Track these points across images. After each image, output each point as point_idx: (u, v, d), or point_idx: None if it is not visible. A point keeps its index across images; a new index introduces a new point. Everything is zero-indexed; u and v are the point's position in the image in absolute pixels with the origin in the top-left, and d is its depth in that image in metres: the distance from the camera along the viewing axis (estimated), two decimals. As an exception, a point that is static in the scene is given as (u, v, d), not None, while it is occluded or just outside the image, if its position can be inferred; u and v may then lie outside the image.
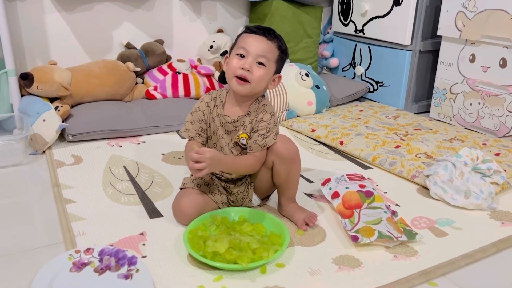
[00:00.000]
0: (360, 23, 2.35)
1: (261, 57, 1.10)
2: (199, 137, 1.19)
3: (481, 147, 1.69)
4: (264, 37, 1.11)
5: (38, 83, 1.78)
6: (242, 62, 1.10)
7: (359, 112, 2.11)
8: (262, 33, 1.11)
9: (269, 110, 1.16)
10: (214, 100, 1.20)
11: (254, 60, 1.10)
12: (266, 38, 1.11)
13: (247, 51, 1.10)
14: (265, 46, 1.10)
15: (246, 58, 1.10)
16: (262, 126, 1.14)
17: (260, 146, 1.13)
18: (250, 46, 1.10)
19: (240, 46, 1.11)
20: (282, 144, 1.13)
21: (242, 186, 1.23)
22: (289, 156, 1.14)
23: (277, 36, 1.14)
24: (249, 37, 1.11)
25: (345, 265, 1.03)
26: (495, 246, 1.12)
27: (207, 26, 2.34)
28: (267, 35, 1.11)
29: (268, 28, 1.14)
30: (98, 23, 2.10)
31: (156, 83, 2.09)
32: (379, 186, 1.44)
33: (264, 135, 1.13)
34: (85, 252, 1.02)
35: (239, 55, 1.11)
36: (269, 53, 1.11)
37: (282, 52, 1.14)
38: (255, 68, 1.10)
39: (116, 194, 1.34)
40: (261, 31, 1.12)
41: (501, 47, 1.79)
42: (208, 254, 0.99)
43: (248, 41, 1.11)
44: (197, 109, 1.20)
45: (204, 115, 1.19)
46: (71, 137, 1.71)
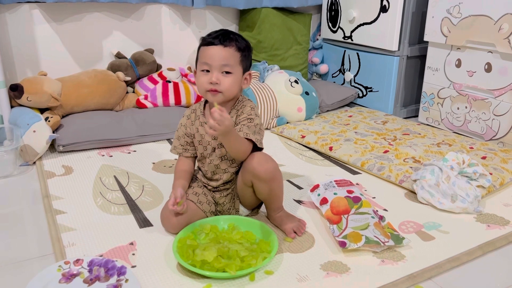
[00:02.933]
0: (349, 30, 2.38)
1: (224, 66, 1.12)
2: (186, 152, 1.23)
3: (468, 151, 1.71)
4: (221, 45, 1.11)
5: (28, 94, 1.78)
6: (208, 77, 1.12)
7: (349, 118, 2.13)
8: (218, 42, 1.12)
9: (248, 104, 1.19)
10: (194, 112, 1.23)
11: (219, 71, 1.12)
12: (223, 46, 1.11)
13: (210, 65, 1.12)
14: (224, 54, 1.11)
15: (211, 72, 1.12)
16: (243, 118, 1.16)
17: (244, 133, 1.12)
18: (210, 60, 1.11)
19: (203, 61, 1.13)
20: (259, 165, 1.12)
21: (228, 197, 1.24)
22: (267, 176, 1.13)
23: (233, 37, 1.14)
24: (207, 49, 1.12)
25: (333, 271, 1.04)
26: (480, 248, 1.14)
27: (197, 34, 2.36)
28: (223, 42, 1.12)
29: (223, 33, 1.14)
30: (88, 33, 2.11)
31: (147, 92, 2.11)
32: (368, 191, 1.45)
33: (247, 125, 1.15)
34: (75, 263, 1.03)
35: (204, 71, 1.13)
36: (231, 59, 1.12)
37: (243, 51, 1.15)
38: (222, 78, 1.12)
39: (106, 204, 1.35)
40: (217, 40, 1.12)
41: (485, 52, 1.82)
42: (197, 262, 1.00)
43: (207, 54, 1.12)
44: (180, 125, 1.24)
45: (186, 128, 1.23)
46: (62, 147, 1.71)
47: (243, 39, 1.17)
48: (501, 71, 1.78)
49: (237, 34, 1.16)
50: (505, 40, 1.72)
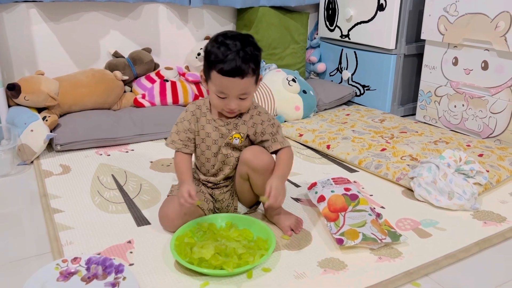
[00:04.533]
0: (346, 29, 2.38)
1: (242, 94, 1.09)
2: (185, 148, 1.18)
3: (465, 149, 1.72)
4: (239, 78, 1.05)
5: (25, 94, 1.78)
6: (224, 103, 1.10)
7: (346, 116, 2.14)
8: (235, 75, 1.05)
9: (262, 111, 1.18)
10: (199, 108, 1.19)
11: (236, 98, 1.09)
12: (241, 78, 1.06)
13: (227, 94, 1.08)
14: (242, 85, 1.07)
15: (228, 99, 1.09)
16: (266, 126, 1.17)
17: (280, 143, 1.17)
18: (227, 90, 1.07)
19: (218, 89, 1.08)
20: (254, 156, 1.13)
21: (227, 193, 1.24)
22: (263, 167, 1.14)
23: (249, 60, 1.05)
24: (223, 80, 1.06)
25: (330, 268, 1.05)
26: (477, 245, 1.14)
27: (194, 33, 2.36)
28: (241, 74, 1.05)
29: (240, 63, 1.04)
30: (85, 33, 2.10)
31: (144, 91, 2.11)
32: (365, 189, 1.46)
33: (273, 132, 1.17)
34: (72, 261, 1.03)
35: (219, 96, 1.09)
36: (249, 87, 1.09)
37: (257, 67, 1.09)
38: (240, 103, 1.11)
39: (104, 203, 1.35)
40: (234, 72, 1.04)
41: (482, 50, 1.83)
42: (194, 260, 1.00)
43: (223, 85, 1.07)
44: (182, 119, 1.19)
45: (190, 124, 1.18)
46: (59, 146, 1.71)
47: (255, 47, 1.09)
48: (498, 69, 1.78)
49: (250, 45, 1.07)
50: (502, 38, 1.72)
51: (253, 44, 1.09)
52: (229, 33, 1.09)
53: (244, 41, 1.07)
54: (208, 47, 1.10)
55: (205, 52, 1.10)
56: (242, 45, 1.06)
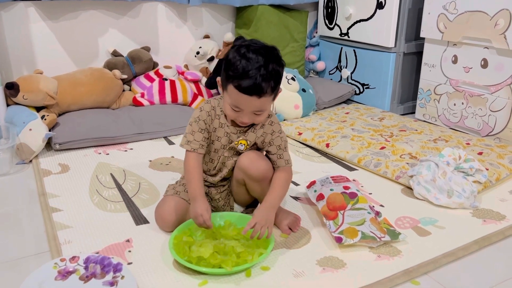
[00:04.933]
0: (345, 27, 2.38)
1: (258, 111, 1.06)
2: (201, 148, 1.12)
3: (464, 147, 1.71)
4: (256, 97, 1.01)
5: (23, 93, 1.78)
6: (238, 115, 1.07)
7: (346, 115, 2.13)
8: (253, 93, 1.01)
9: (275, 121, 1.15)
10: (214, 110, 1.14)
11: (250, 113, 1.06)
12: (258, 97, 1.02)
13: (241, 109, 1.05)
14: (258, 104, 1.03)
15: (242, 113, 1.06)
16: (275, 137, 1.14)
17: (285, 161, 1.14)
18: (243, 106, 1.04)
19: (233, 103, 1.05)
20: (250, 163, 1.12)
21: (223, 193, 1.24)
22: (259, 175, 1.12)
23: (270, 79, 1.01)
24: (240, 96, 1.02)
25: (329, 266, 1.04)
26: (476, 243, 1.14)
27: (193, 32, 2.36)
28: (259, 93, 1.01)
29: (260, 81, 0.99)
30: (83, 31, 2.10)
31: (143, 90, 2.10)
32: (364, 187, 1.45)
33: (280, 146, 1.14)
34: (71, 260, 1.02)
35: (233, 108, 1.06)
36: (265, 104, 1.05)
37: (276, 86, 1.04)
38: (255, 117, 1.07)
39: (103, 202, 1.34)
40: (252, 90, 1.00)
41: (481, 47, 1.82)
42: (193, 259, 1.00)
43: (239, 100, 1.03)
44: (198, 119, 1.12)
45: (205, 124, 1.13)
46: (58, 145, 1.71)
47: (279, 63, 1.04)
48: (497, 67, 1.78)
49: (274, 61, 1.02)
50: (501, 35, 1.72)
51: (277, 60, 1.04)
52: (252, 46, 1.03)
53: (268, 56, 1.02)
54: (229, 56, 1.05)
55: (226, 61, 1.05)
56: (265, 61, 1.01)
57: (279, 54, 1.06)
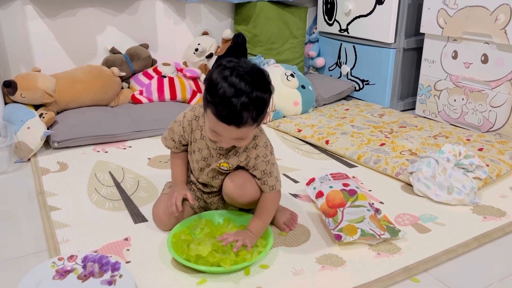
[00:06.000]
0: (345, 23, 2.36)
1: (238, 139, 0.98)
2: (176, 149, 1.15)
3: (465, 143, 1.70)
4: (235, 126, 0.93)
5: (21, 91, 1.77)
6: (217, 139, 0.99)
7: (345, 111, 2.12)
8: (231, 122, 0.92)
9: (261, 143, 1.07)
10: (196, 120, 1.08)
11: (230, 139, 0.98)
12: (237, 127, 0.93)
13: (220, 135, 0.97)
14: (238, 133, 0.95)
15: (221, 137, 0.98)
16: (260, 161, 1.07)
17: (269, 187, 1.08)
18: (221, 133, 0.96)
19: (212, 127, 0.97)
20: (237, 191, 1.08)
21: (216, 198, 1.21)
22: (247, 201, 1.10)
23: (252, 106, 0.91)
24: (218, 123, 0.94)
25: (328, 264, 1.04)
26: (476, 240, 1.13)
27: (192, 29, 2.34)
28: (239, 124, 0.92)
29: (239, 110, 0.90)
30: (81, 29, 2.09)
31: (142, 87, 2.09)
32: (364, 184, 1.45)
33: (265, 171, 1.07)
34: (69, 259, 1.02)
35: (212, 131, 0.98)
36: (246, 133, 0.97)
37: (259, 115, 0.95)
38: (235, 142, 1.00)
39: (101, 200, 1.34)
40: (230, 120, 0.92)
41: (482, 43, 1.81)
42: (191, 257, 1.00)
43: (217, 127, 0.95)
44: (179, 123, 1.10)
45: (184, 132, 1.10)
46: (57, 144, 1.70)
47: (265, 89, 0.94)
48: (498, 62, 1.77)
49: (260, 88, 0.92)
50: (502, 30, 1.70)
51: (264, 86, 0.94)
52: (238, 69, 0.92)
53: (253, 81, 0.92)
54: (212, 76, 0.94)
55: (208, 81, 0.95)
56: (250, 87, 0.91)
57: (268, 79, 0.96)
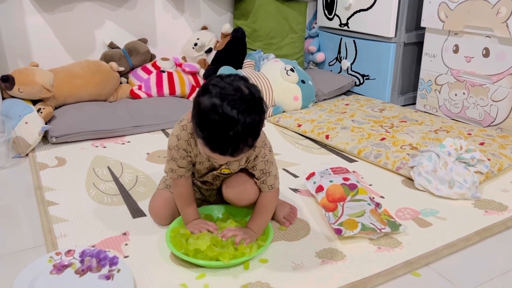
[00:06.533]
0: (345, 17, 2.34)
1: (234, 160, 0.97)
2: (188, 171, 1.06)
3: (466, 137, 1.69)
4: (229, 156, 0.90)
5: (19, 86, 1.76)
6: (214, 160, 0.99)
7: (345, 106, 2.11)
8: (226, 154, 0.89)
9: (259, 144, 1.03)
10: (192, 137, 1.02)
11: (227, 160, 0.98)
12: (231, 156, 0.90)
13: (216, 159, 0.96)
14: (233, 159, 0.94)
15: (217, 159, 0.96)
16: (259, 161, 1.05)
17: (268, 187, 1.07)
18: (217, 158, 0.93)
19: (206, 154, 0.93)
20: (237, 196, 1.08)
21: (214, 191, 1.20)
22: (247, 204, 1.10)
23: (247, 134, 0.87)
24: (211, 153, 0.90)
25: (328, 258, 1.03)
26: (478, 234, 1.12)
27: (191, 23, 2.33)
28: (232, 154, 0.89)
29: (234, 143, 0.87)
30: (80, 23, 2.07)
31: (141, 82, 2.08)
32: (364, 179, 1.44)
33: (264, 171, 1.06)
34: (66, 254, 1.01)
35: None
36: (242, 158, 0.97)
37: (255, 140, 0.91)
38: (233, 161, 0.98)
39: (99, 195, 1.33)
40: (225, 151, 0.88)
41: (483, 37, 1.79)
42: (190, 251, 0.99)
43: (211, 155, 0.92)
44: (177, 148, 1.02)
45: (186, 152, 1.03)
46: (55, 139, 1.69)
47: (258, 110, 0.88)
48: (499, 56, 1.75)
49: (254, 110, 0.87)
50: (503, 24, 1.69)
51: (257, 107, 0.88)
52: (226, 91, 0.86)
53: (246, 106, 0.85)
54: (200, 104, 0.87)
55: (196, 107, 0.89)
56: (244, 114, 0.84)
57: (259, 96, 0.90)
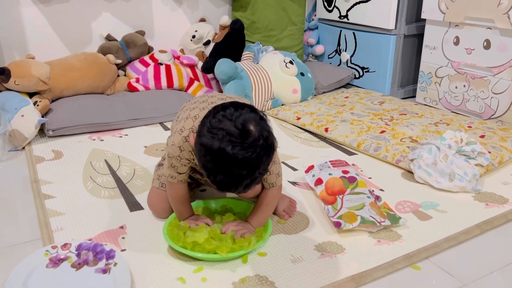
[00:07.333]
0: (344, 9, 2.32)
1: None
2: (186, 176, 1.05)
3: (466, 130, 1.68)
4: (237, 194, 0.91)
5: (15, 78, 1.74)
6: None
7: (345, 99, 2.09)
8: (232, 191, 0.88)
9: None
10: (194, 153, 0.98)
11: None
12: (238, 193, 0.91)
13: None
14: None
15: None
16: None
17: (269, 185, 1.05)
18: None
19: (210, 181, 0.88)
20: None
21: None
22: (247, 197, 1.09)
23: (258, 180, 0.86)
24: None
25: (327, 252, 1.02)
26: (478, 227, 1.11)
27: (189, 15, 2.30)
28: (238, 193, 0.88)
29: (245, 188, 0.85)
30: (76, 15, 2.05)
31: (138, 75, 2.06)
32: (364, 172, 1.42)
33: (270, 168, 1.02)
34: (62, 248, 1.00)
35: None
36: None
37: (262, 177, 0.88)
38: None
39: (96, 188, 1.31)
40: (228, 190, 0.87)
41: (484, 28, 1.77)
42: (188, 244, 0.97)
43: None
44: (179, 158, 0.99)
45: (189, 162, 1.01)
46: (51, 132, 1.67)
47: (270, 150, 0.84)
48: (500, 47, 1.74)
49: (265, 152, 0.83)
50: (505, 15, 1.67)
51: (267, 150, 0.83)
52: (236, 134, 0.80)
53: (257, 149, 0.81)
54: (205, 143, 0.82)
55: (201, 145, 0.84)
56: (252, 161, 0.80)
57: (270, 137, 0.83)
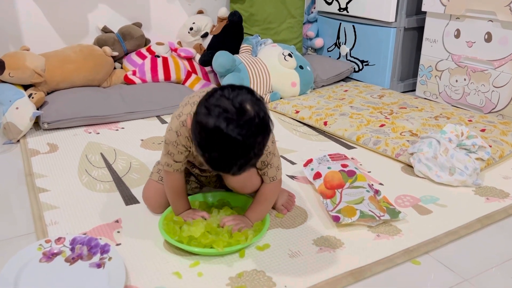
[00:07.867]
0: (344, 1, 2.29)
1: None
2: (183, 165, 1.02)
3: (466, 124, 1.66)
4: (231, 175, 0.87)
5: (9, 70, 1.71)
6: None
7: (344, 92, 2.07)
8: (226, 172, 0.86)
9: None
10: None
11: None
12: (233, 175, 0.87)
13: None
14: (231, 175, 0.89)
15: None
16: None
17: (269, 178, 1.04)
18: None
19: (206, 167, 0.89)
20: (241, 186, 1.05)
21: (213, 178, 1.17)
22: (246, 192, 1.08)
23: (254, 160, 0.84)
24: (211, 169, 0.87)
25: (326, 246, 1.00)
26: (479, 222, 1.10)
27: (186, 7, 2.27)
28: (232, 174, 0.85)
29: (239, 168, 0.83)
30: (72, 7, 2.02)
31: (135, 68, 2.03)
32: (363, 166, 1.41)
33: (265, 162, 1.01)
34: (56, 242, 0.98)
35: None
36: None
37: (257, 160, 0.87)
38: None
39: (92, 182, 1.29)
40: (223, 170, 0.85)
41: (485, 21, 1.75)
42: (184, 239, 0.96)
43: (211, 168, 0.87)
44: (176, 144, 0.97)
45: (186, 149, 0.99)
46: (47, 125, 1.65)
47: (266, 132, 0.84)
48: (501, 40, 1.71)
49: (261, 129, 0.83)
50: (506, 7, 1.65)
51: (262, 129, 0.83)
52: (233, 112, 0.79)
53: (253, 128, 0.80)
54: (200, 120, 0.80)
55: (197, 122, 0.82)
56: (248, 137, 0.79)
57: (266, 117, 0.83)
